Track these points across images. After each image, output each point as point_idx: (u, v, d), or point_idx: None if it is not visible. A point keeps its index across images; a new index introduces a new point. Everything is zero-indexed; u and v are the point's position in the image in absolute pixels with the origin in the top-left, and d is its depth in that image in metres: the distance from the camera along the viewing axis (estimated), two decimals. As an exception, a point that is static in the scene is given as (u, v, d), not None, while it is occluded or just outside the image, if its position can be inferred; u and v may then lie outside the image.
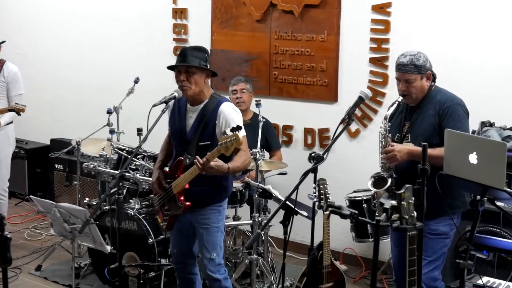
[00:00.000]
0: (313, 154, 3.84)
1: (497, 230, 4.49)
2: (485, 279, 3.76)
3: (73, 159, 6.84)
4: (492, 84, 5.19)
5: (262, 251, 5.16)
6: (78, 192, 5.90)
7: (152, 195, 5.25)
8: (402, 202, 2.93)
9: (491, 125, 5.02)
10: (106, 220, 5.16)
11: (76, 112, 7.64)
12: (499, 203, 3.58)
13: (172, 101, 4.17)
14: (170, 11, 6.77)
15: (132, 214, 5.10)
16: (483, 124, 5.02)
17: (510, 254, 3.77)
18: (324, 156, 3.79)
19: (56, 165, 7.25)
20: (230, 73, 6.25)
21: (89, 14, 7.43)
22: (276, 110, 6.13)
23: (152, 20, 6.94)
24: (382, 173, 4.04)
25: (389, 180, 3.97)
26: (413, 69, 3.96)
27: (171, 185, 4.23)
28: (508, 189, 3.31)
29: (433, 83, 4.09)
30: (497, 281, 3.81)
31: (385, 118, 4.04)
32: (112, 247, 4.24)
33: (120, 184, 3.87)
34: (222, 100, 4.18)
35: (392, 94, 5.38)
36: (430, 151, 3.57)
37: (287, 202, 3.82)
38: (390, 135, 4.04)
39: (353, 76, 5.78)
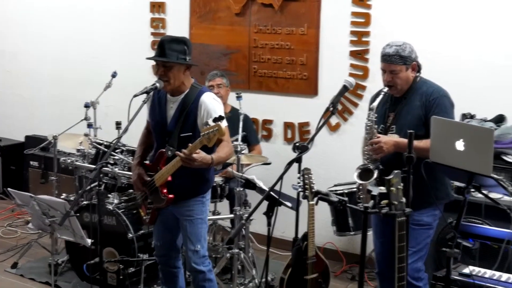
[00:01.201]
0: (297, 144, 3.80)
1: (479, 221, 4.49)
2: (470, 268, 3.75)
3: (49, 155, 6.78)
4: (472, 77, 5.21)
5: (243, 246, 5.12)
6: (55, 187, 5.79)
7: (131, 190, 5.21)
8: (391, 188, 2.92)
9: (472, 117, 5.05)
10: (84, 216, 5.08)
11: (51, 108, 7.55)
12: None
13: (152, 92, 4.10)
14: (147, 5, 6.72)
15: (111, 209, 5.02)
16: (464, 116, 5.05)
17: (496, 242, 3.77)
18: (309, 146, 3.75)
19: (31, 162, 7.17)
20: (208, 67, 6.20)
21: (67, 8, 7.34)
22: (255, 105, 6.10)
23: (130, 14, 6.88)
24: (368, 164, 3.99)
25: (375, 172, 3.92)
26: (398, 60, 3.93)
27: (153, 178, 4.16)
28: (495, 176, 3.30)
29: (418, 74, 4.07)
30: (482, 270, 3.80)
31: (371, 109, 3.98)
32: (92, 241, 4.16)
33: (101, 175, 3.78)
34: (203, 90, 4.12)
35: (372, 87, 5.38)
36: (416, 143, 3.56)
37: (271, 193, 3.77)
38: (376, 126, 4.00)
39: (334, 70, 5.77)
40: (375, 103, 3.99)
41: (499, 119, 4.99)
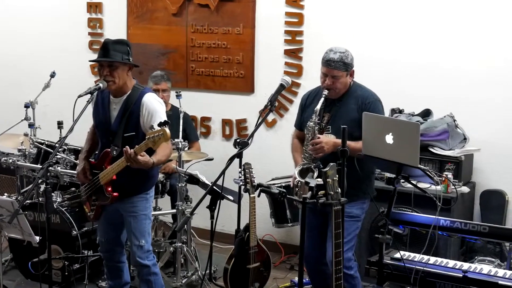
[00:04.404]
0: (238, 140, 3.98)
1: (409, 210, 4.75)
2: (401, 252, 4.01)
3: (-17, 156, 6.72)
4: (400, 75, 5.48)
5: (185, 240, 5.26)
6: (-4, 187, 5.81)
7: (74, 188, 5.29)
8: (327, 179, 3.14)
9: (400, 111, 5.31)
10: (28, 215, 5.12)
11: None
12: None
13: (96, 92, 4.20)
14: (84, 5, 6.76)
15: (55, 207, 5.10)
16: (393, 111, 5.30)
17: (424, 227, 4.03)
18: (249, 142, 3.93)
19: (-36, 164, 7.06)
20: (147, 67, 6.30)
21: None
22: (194, 102, 6.24)
23: (67, 14, 6.90)
24: (310, 164, 4.13)
25: (316, 171, 4.07)
26: (342, 66, 4.10)
27: (98, 176, 4.26)
28: (421, 166, 3.56)
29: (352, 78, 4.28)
30: (412, 254, 4.07)
31: (315, 112, 4.13)
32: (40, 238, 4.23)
33: (48, 174, 3.88)
34: (144, 91, 4.25)
35: (306, 85, 5.60)
36: (353, 144, 3.80)
37: (214, 187, 3.94)
38: (317, 128, 4.15)
39: (269, 68, 5.98)
40: (318, 107, 4.12)
41: (426, 113, 5.26)
